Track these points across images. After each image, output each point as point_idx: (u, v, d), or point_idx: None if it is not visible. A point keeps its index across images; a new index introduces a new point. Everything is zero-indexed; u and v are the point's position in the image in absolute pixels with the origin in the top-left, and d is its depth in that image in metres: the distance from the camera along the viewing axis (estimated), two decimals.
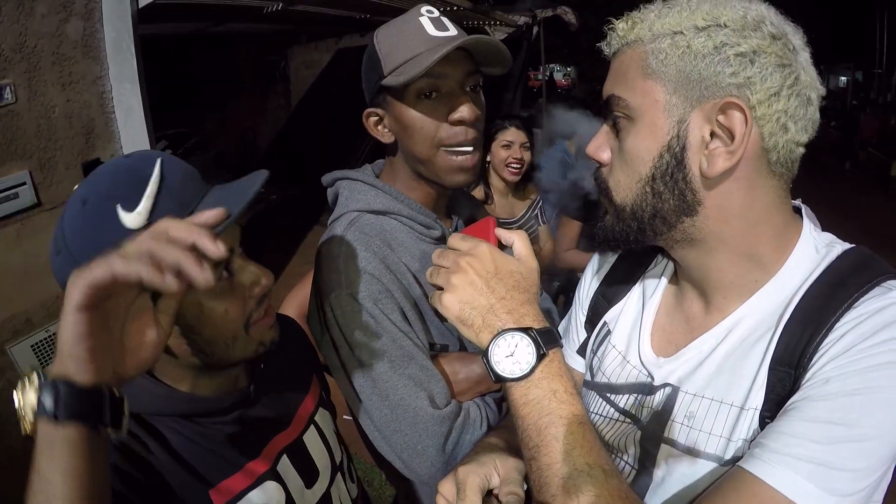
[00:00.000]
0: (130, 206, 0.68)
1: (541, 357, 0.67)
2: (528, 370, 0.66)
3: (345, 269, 1.01)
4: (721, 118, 0.66)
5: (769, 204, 0.71)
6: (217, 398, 0.84)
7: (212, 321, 0.76)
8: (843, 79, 22.42)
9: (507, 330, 0.69)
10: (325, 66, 8.85)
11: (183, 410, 0.81)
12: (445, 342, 1.11)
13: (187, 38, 5.81)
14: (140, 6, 2.45)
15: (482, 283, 0.72)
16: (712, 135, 0.67)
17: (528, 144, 2.63)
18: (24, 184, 2.10)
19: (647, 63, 0.69)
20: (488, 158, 2.66)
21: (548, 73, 10.28)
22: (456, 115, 1.01)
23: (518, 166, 2.60)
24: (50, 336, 2.27)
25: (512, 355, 0.67)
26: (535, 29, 7.41)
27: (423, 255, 1.08)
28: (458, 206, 1.29)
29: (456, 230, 1.21)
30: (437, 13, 1.04)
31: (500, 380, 0.68)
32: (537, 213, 2.81)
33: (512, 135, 2.60)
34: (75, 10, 2.15)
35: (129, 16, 2.35)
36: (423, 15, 1.02)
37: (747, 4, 0.67)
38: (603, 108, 0.78)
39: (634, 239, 0.77)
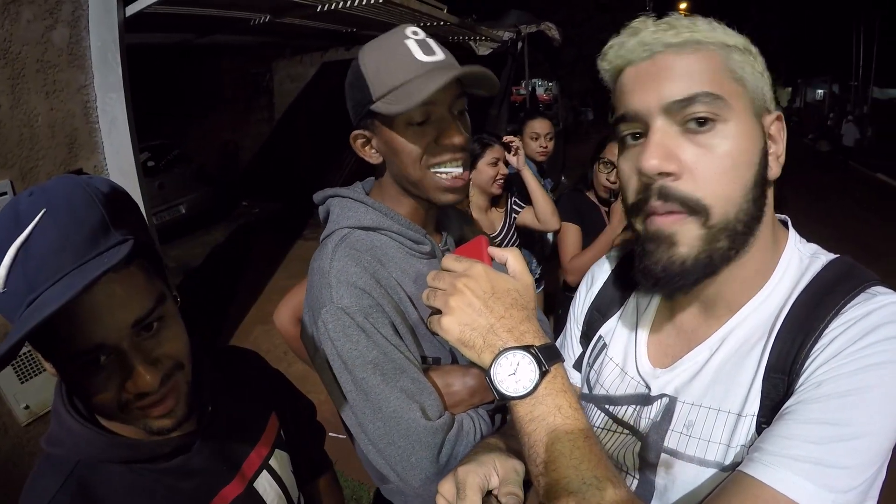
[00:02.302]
0: None
1: (543, 374, 0.67)
2: (532, 388, 0.66)
3: (336, 284, 1.01)
4: (773, 129, 0.71)
5: (772, 209, 0.75)
6: (157, 443, 0.80)
7: (80, 395, 0.74)
8: (821, 91, 23.17)
9: (508, 349, 0.68)
10: (309, 79, 8.87)
11: (124, 457, 0.78)
12: (437, 355, 1.11)
13: (171, 48, 5.76)
14: (127, 15, 2.42)
15: (480, 304, 0.71)
16: (772, 141, 0.72)
17: (505, 159, 2.70)
18: (5, 193, 2.05)
19: (731, 68, 0.70)
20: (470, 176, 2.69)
21: (530, 88, 10.39)
22: (446, 142, 1.03)
23: (503, 180, 2.68)
24: (28, 350, 2.19)
25: (514, 374, 0.67)
26: (520, 44, 7.50)
27: (413, 271, 1.10)
28: (448, 221, 1.30)
29: (445, 245, 1.22)
30: (422, 34, 1.04)
31: (504, 398, 0.68)
32: (514, 216, 2.83)
33: (497, 152, 2.64)
34: (62, 16, 2.11)
35: (116, 24, 2.33)
36: (409, 38, 1.02)
37: None
38: (668, 109, 0.69)
39: (718, 262, 0.71)
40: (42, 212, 0.64)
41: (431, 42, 1.04)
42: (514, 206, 2.85)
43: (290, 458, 1.06)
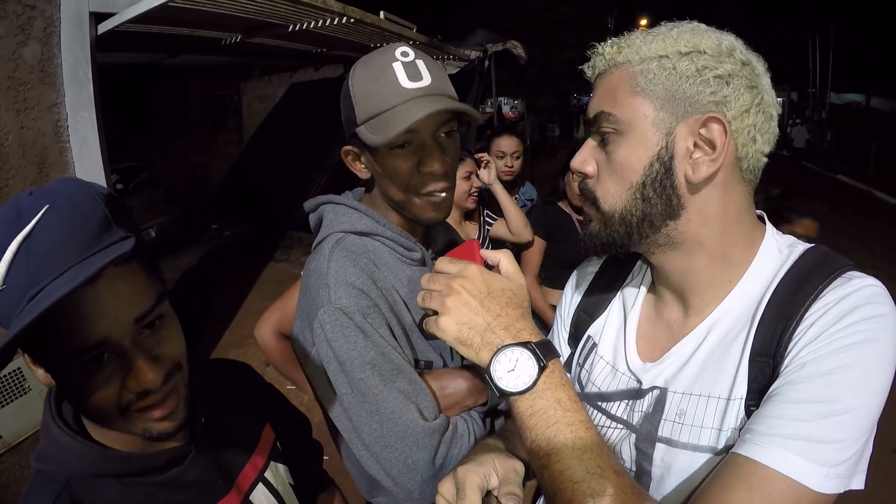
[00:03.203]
0: None
1: (542, 369, 0.69)
2: (531, 383, 0.68)
3: (334, 284, 1.01)
4: (703, 131, 0.74)
5: (740, 207, 0.79)
6: (150, 455, 0.79)
7: (77, 399, 0.72)
8: (780, 99, 24.15)
9: (506, 346, 0.70)
10: (278, 100, 8.82)
11: (116, 470, 0.77)
12: (430, 358, 1.12)
13: (140, 68, 5.69)
14: (99, 33, 2.40)
15: (477, 303, 0.73)
16: (695, 145, 0.75)
17: (476, 173, 2.73)
18: None
19: (636, 82, 0.76)
20: None
21: (496, 106, 10.54)
22: (426, 170, 1.03)
23: (476, 194, 2.68)
24: (1, 378, 2.11)
25: (514, 370, 0.69)
26: (487, 63, 7.61)
27: (404, 276, 1.11)
28: (434, 232, 1.33)
29: (432, 254, 1.23)
30: (411, 56, 1.03)
31: (503, 395, 0.70)
32: (487, 229, 2.85)
33: (469, 166, 2.66)
34: (33, 33, 2.08)
35: (88, 42, 2.30)
36: (396, 60, 1.01)
37: (720, 35, 0.77)
38: (590, 124, 0.83)
39: (620, 243, 0.82)
40: (45, 208, 0.64)
41: (420, 64, 1.03)
42: (486, 219, 2.85)
43: (288, 471, 1.04)
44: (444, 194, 1.08)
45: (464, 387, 1.08)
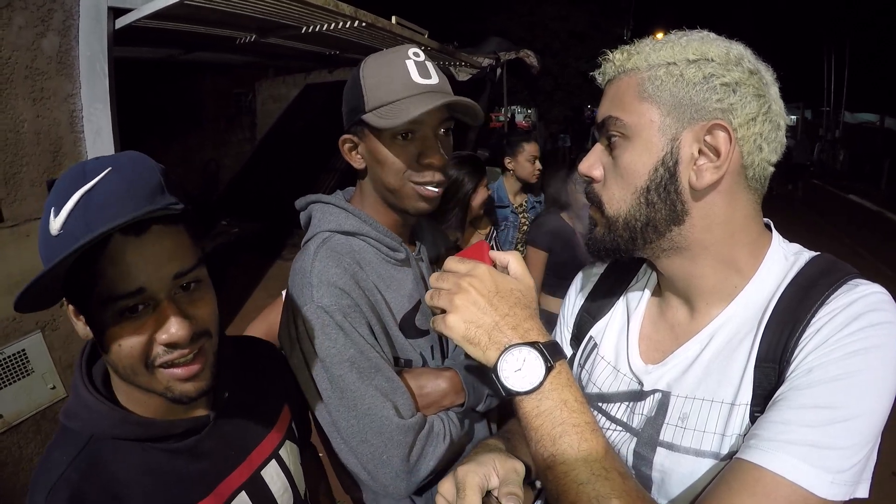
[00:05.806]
0: (56, 212, 0.70)
1: (549, 369, 0.69)
2: (538, 383, 0.68)
3: (317, 283, 1.05)
4: (708, 138, 0.74)
5: (746, 215, 0.79)
6: (170, 422, 0.83)
7: (110, 347, 0.75)
8: (793, 117, 23.97)
9: (513, 345, 0.70)
10: (292, 100, 8.89)
11: (136, 434, 0.80)
12: (410, 357, 1.15)
13: (156, 64, 5.77)
14: (116, 28, 2.46)
15: (485, 302, 0.73)
16: (700, 152, 0.75)
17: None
18: None
19: (643, 88, 0.77)
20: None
21: (509, 115, 10.58)
22: (425, 161, 1.09)
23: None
24: (6, 358, 2.16)
25: (521, 370, 0.69)
26: (499, 71, 7.64)
27: (388, 276, 1.15)
28: (422, 233, 1.36)
29: (418, 254, 1.27)
30: (422, 57, 1.11)
31: (510, 394, 0.70)
32: (492, 245, 2.85)
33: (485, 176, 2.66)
34: (53, 25, 2.13)
35: (105, 36, 2.36)
36: (409, 58, 1.09)
37: (729, 44, 0.77)
38: (598, 129, 0.84)
39: (625, 248, 0.83)
40: (108, 169, 0.71)
41: (429, 65, 1.11)
42: (495, 242, 2.83)
43: (299, 452, 1.07)
44: (437, 189, 1.13)
45: (442, 387, 1.11)
